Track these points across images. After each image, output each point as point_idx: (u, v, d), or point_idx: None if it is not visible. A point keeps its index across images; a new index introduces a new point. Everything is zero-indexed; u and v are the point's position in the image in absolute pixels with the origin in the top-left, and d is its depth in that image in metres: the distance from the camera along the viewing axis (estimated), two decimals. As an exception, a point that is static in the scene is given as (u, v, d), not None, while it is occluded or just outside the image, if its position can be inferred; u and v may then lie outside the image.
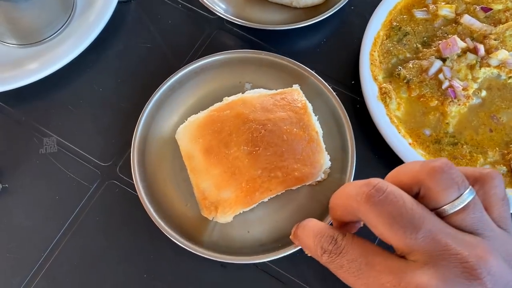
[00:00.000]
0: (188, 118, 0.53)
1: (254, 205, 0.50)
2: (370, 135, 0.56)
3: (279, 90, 0.54)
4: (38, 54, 0.59)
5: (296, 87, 0.54)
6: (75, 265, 0.52)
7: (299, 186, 0.50)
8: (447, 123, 0.55)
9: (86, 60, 0.61)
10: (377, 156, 0.56)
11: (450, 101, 0.55)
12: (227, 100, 0.53)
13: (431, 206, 0.32)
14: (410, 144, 0.54)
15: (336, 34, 0.63)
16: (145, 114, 0.54)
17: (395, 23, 0.60)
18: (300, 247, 0.41)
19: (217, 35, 0.63)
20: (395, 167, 0.40)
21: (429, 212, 0.32)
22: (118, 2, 0.61)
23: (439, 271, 0.30)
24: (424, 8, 0.61)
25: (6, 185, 0.55)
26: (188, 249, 0.49)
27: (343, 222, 0.38)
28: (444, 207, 0.32)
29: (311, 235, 0.37)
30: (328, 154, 0.52)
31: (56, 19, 0.61)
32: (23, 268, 0.52)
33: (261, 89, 0.55)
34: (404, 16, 0.60)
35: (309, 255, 0.38)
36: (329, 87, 0.55)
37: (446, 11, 0.60)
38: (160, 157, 0.54)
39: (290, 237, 0.42)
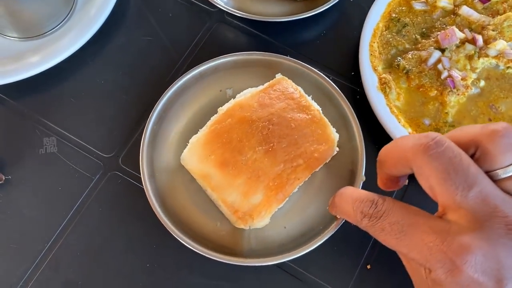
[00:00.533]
0: (190, 140, 0.52)
1: (287, 199, 0.50)
2: (370, 126, 0.56)
3: (266, 84, 0.54)
4: (40, 47, 0.60)
5: (279, 76, 0.55)
6: (78, 255, 0.53)
7: (321, 166, 0.51)
8: (446, 112, 0.56)
9: (88, 53, 0.61)
10: (377, 146, 0.57)
11: (449, 91, 0.55)
12: (222, 110, 0.53)
13: (485, 169, 0.33)
14: (410, 133, 0.54)
15: (336, 26, 0.64)
16: (144, 152, 0.52)
17: (394, 15, 0.60)
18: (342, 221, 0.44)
19: (218, 27, 0.64)
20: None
21: (483, 173, 0.32)
22: (119, -5, 0.62)
23: (483, 231, 0.31)
24: (423, 0, 0.61)
25: (9, 177, 0.55)
26: (234, 263, 0.48)
27: (389, 177, 0.39)
28: (498, 170, 0.33)
29: (350, 201, 0.37)
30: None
31: (58, 13, 0.61)
32: (26, 259, 0.52)
33: (249, 89, 0.54)
34: (403, 8, 0.61)
35: (350, 222, 0.38)
36: (303, 63, 0.56)
37: (444, 2, 0.60)
38: (172, 189, 0.53)
39: (328, 208, 0.43)
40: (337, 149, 0.52)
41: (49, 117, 0.58)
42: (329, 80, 0.55)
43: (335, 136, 0.52)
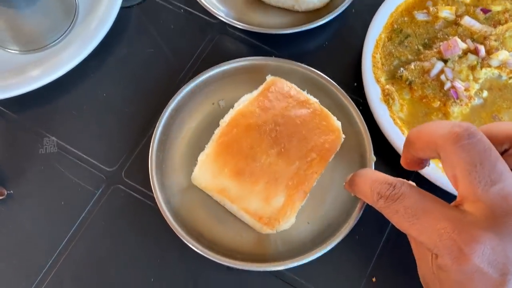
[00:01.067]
0: (198, 158, 0.51)
1: (308, 195, 0.50)
2: (374, 137, 0.56)
3: (260, 88, 0.54)
4: (41, 61, 0.59)
5: (270, 77, 0.55)
6: (82, 270, 0.52)
7: (333, 155, 0.51)
8: (449, 123, 0.56)
9: (89, 66, 0.61)
10: (381, 157, 0.56)
11: (452, 102, 0.55)
12: (224, 122, 0.52)
13: None
14: (413, 144, 0.54)
15: (338, 37, 0.64)
16: (154, 179, 0.51)
17: (396, 26, 0.60)
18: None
19: (220, 39, 0.63)
20: (399, 168, 0.41)
21: (509, 171, 0.33)
22: (120, 8, 0.61)
23: (497, 226, 0.31)
24: (425, 10, 0.61)
25: (11, 191, 0.55)
26: (265, 269, 0.48)
27: (413, 157, 0.39)
28: None
29: (368, 182, 0.38)
30: None
31: (59, 26, 0.61)
32: (30, 274, 0.52)
33: (245, 96, 0.54)
34: (405, 19, 0.61)
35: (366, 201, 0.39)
36: (289, 60, 0.57)
37: (446, 13, 0.61)
38: (190, 209, 0.52)
39: (344, 186, 0.44)
40: (344, 136, 0.53)
41: (50, 131, 0.58)
42: (317, 71, 0.55)
43: (338, 124, 0.52)
